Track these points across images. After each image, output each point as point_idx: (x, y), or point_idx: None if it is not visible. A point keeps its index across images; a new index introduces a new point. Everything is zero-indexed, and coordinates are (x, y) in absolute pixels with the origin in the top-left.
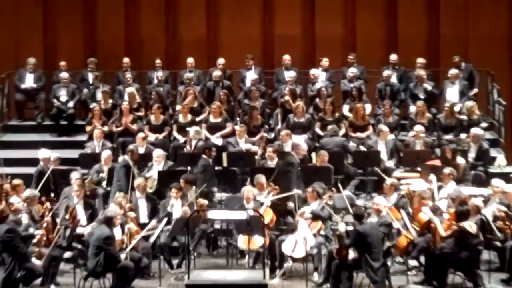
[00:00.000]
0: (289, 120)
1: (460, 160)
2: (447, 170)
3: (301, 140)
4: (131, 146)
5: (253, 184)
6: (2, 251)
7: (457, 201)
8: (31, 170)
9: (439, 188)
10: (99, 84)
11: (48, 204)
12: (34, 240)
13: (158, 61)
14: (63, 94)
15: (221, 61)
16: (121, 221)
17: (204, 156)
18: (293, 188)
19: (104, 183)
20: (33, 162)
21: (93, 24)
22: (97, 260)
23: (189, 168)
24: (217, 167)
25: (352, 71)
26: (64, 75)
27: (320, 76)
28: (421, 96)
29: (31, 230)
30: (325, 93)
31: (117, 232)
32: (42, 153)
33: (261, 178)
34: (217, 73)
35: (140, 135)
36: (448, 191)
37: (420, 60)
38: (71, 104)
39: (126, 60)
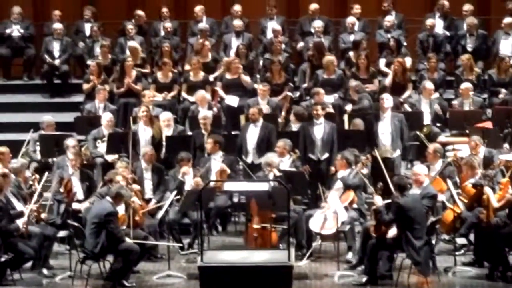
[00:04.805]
0: (317, 77)
1: None
2: (472, 141)
3: (330, 99)
4: (135, 109)
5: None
6: None
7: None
8: (18, 136)
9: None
10: (99, 37)
11: (36, 175)
12: (24, 219)
13: (165, 9)
14: (56, 49)
15: (237, 8)
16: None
17: None
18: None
19: (103, 150)
20: (21, 127)
21: None
22: (97, 240)
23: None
24: (234, 131)
25: (388, 19)
26: (57, 26)
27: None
28: (469, 48)
29: (19, 206)
30: (364, 46)
31: (119, 208)
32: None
33: (283, 142)
34: (237, 22)
35: (146, 93)
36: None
37: (467, 7)
38: (61, 60)
39: (141, 13)
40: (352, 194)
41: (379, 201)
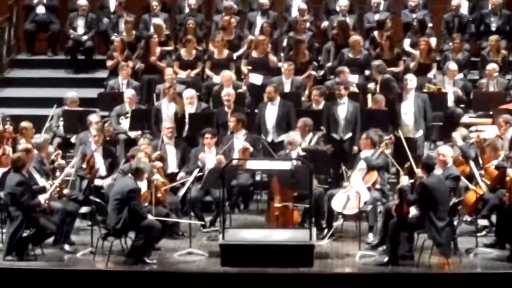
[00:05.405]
0: (343, 56)
1: None
2: (501, 118)
3: (355, 79)
4: (159, 86)
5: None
6: (9, 204)
7: None
8: (41, 111)
9: None
10: (123, 12)
11: (59, 151)
12: (46, 195)
13: None
14: (80, 25)
15: None
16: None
17: None
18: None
19: (126, 126)
20: (44, 102)
21: None
22: (119, 217)
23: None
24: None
25: None
26: (82, 1)
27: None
28: (493, 27)
29: (41, 181)
30: (389, 26)
31: (141, 185)
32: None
33: (302, 122)
34: (264, 0)
35: (167, 71)
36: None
37: None
38: (86, 37)
39: None
40: (376, 174)
41: (405, 180)
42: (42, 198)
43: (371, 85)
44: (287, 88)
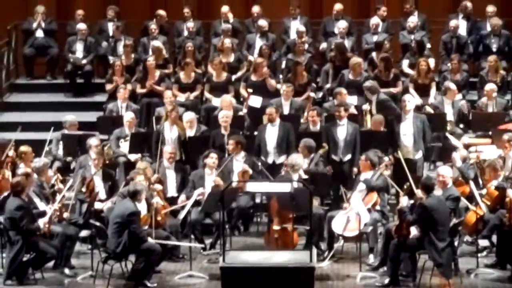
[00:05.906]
0: (343, 77)
1: None
2: (506, 136)
3: (353, 100)
4: (158, 109)
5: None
6: (9, 229)
7: None
8: (40, 135)
9: None
10: (121, 36)
11: (59, 175)
12: (46, 219)
13: (186, 10)
14: (79, 49)
15: (256, 9)
16: (146, 195)
17: None
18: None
19: (126, 150)
20: (44, 126)
21: None
22: (119, 240)
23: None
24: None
25: (412, 20)
26: (81, 26)
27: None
28: (494, 48)
29: (41, 205)
30: (387, 46)
31: (141, 208)
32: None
33: (302, 143)
34: (262, 22)
35: (166, 94)
36: None
37: (491, 9)
38: (85, 60)
39: (162, 13)
40: (375, 196)
41: (404, 201)
42: (41, 222)
43: (365, 106)
44: (286, 110)
